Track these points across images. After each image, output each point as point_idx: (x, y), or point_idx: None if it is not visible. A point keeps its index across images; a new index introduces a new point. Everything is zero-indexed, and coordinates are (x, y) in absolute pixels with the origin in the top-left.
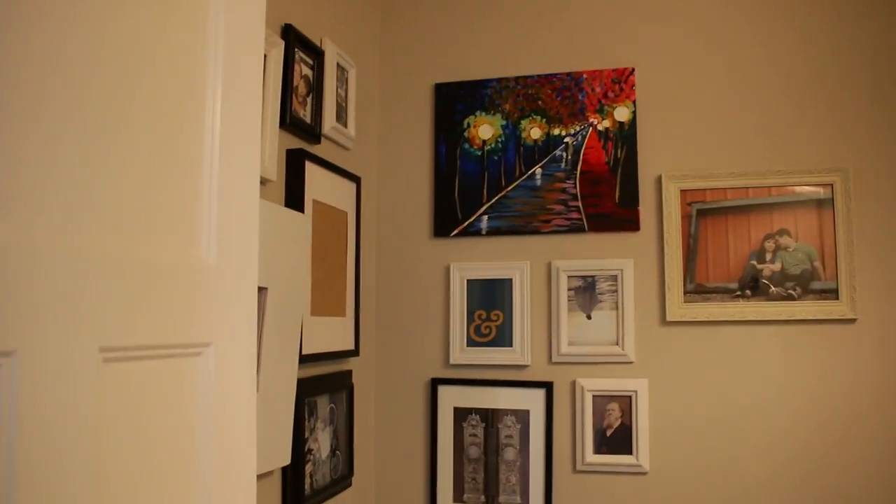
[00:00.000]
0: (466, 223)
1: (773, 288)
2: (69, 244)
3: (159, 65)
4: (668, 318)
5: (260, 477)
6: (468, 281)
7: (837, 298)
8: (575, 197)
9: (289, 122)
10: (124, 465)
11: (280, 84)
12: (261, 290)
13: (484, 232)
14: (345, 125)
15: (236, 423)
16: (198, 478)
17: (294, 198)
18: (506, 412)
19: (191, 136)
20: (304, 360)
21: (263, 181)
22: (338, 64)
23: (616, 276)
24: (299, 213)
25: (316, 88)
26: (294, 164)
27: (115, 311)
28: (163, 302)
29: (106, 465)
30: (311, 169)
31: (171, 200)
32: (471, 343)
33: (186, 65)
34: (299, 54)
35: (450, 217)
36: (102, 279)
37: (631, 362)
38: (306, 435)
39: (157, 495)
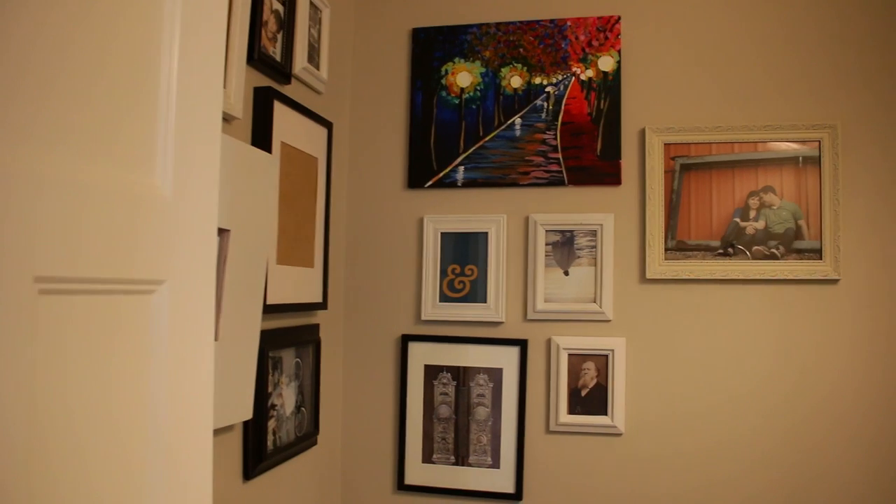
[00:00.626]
0: (442, 174)
1: (755, 246)
2: None
3: None
4: (648, 276)
5: (219, 431)
6: (442, 234)
7: (821, 258)
8: (555, 149)
9: (257, 57)
10: (63, 410)
11: (248, 16)
12: (222, 231)
13: (460, 183)
14: (317, 67)
15: (193, 369)
16: (148, 427)
17: (261, 138)
18: (478, 370)
19: (147, 56)
20: (269, 310)
21: (228, 118)
22: (311, 2)
23: (595, 231)
24: (266, 153)
25: (287, 26)
26: (262, 103)
27: (52, 237)
28: (111, 232)
29: (41, 411)
30: (280, 109)
31: (123, 123)
32: (443, 298)
33: None
34: None
35: (425, 167)
36: (37, 200)
37: (608, 320)
38: (270, 389)
39: (101, 445)
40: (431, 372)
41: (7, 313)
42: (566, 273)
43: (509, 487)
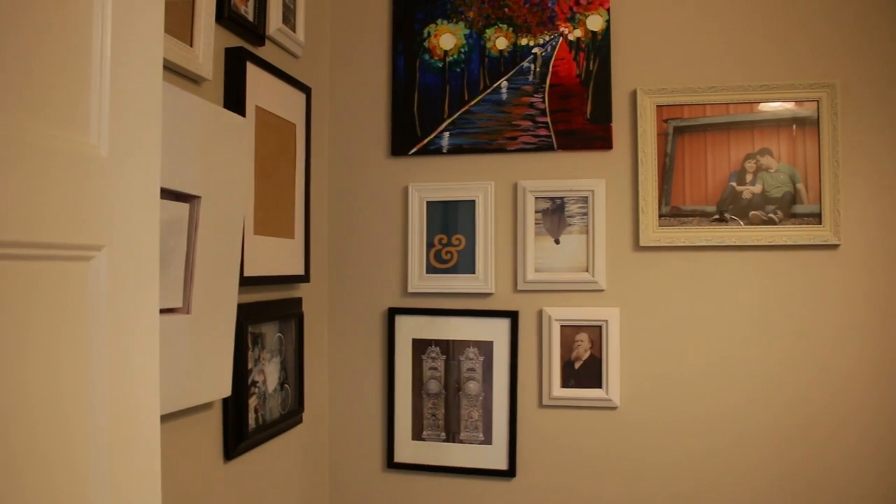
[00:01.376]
0: (426, 140)
1: (752, 211)
2: None
3: None
4: (642, 243)
5: (197, 409)
6: (428, 203)
7: (820, 223)
8: (543, 112)
9: (227, 16)
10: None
11: None
12: (192, 198)
13: (445, 150)
14: (293, 29)
15: (136, 340)
16: (88, 407)
17: (234, 101)
18: (468, 344)
19: (79, 6)
20: (247, 282)
21: (198, 79)
22: None
23: (587, 197)
24: (238, 116)
25: None
26: (233, 64)
27: None
28: (43, 193)
29: None
30: (253, 72)
31: (53, 77)
32: (430, 270)
33: None
34: None
35: (408, 134)
36: None
37: (602, 290)
38: (250, 366)
39: (38, 423)
40: (419, 346)
41: None
42: (557, 241)
43: (502, 464)
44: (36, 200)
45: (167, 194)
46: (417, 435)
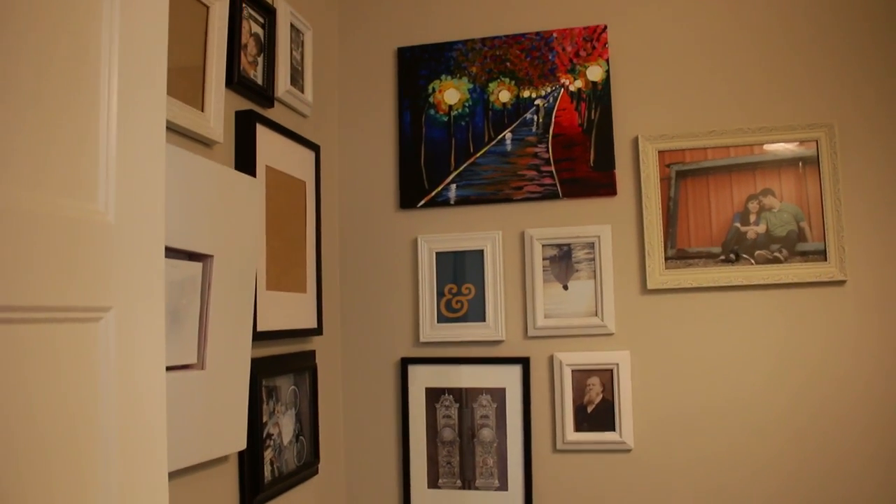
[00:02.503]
0: (434, 193)
1: (758, 251)
2: None
3: (52, 7)
4: (650, 286)
5: (213, 463)
6: (437, 253)
7: (825, 260)
8: (548, 161)
9: (237, 81)
10: (7, 445)
11: (226, 39)
12: (205, 257)
13: (452, 201)
14: (301, 90)
15: (144, 397)
16: (97, 465)
17: (245, 162)
18: (481, 391)
19: (85, 79)
20: (261, 337)
21: (209, 142)
22: (291, 25)
23: (593, 243)
24: (248, 177)
25: (268, 49)
26: (244, 127)
27: None
28: (52, 259)
29: None
30: (263, 133)
31: (62, 148)
32: (442, 319)
33: (83, 6)
34: (248, 10)
35: (416, 187)
36: None
37: (611, 333)
38: (265, 419)
39: (46, 489)
40: (433, 394)
41: None
42: (565, 287)
43: None
44: (49, 267)
45: (181, 254)
46: (433, 483)
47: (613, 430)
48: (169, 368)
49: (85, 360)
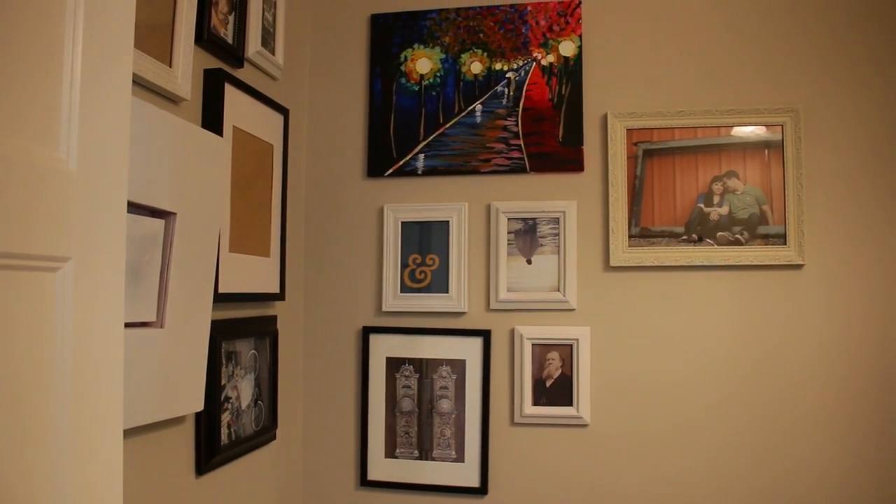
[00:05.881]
0: (402, 162)
1: (720, 232)
2: None
3: None
4: (612, 263)
5: (169, 423)
6: (403, 223)
7: (785, 244)
8: (516, 135)
9: (206, 38)
10: None
11: None
12: (168, 214)
13: (420, 171)
14: (272, 52)
15: (101, 352)
16: (49, 419)
17: (212, 121)
18: (441, 362)
19: (50, 23)
20: (222, 299)
21: (176, 99)
22: None
23: (558, 218)
24: (215, 135)
25: (239, 7)
26: (212, 85)
27: None
28: (10, 204)
29: None
30: (231, 93)
31: (24, 92)
32: (405, 289)
33: None
34: None
35: (384, 155)
36: None
37: (572, 309)
38: (223, 381)
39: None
40: (393, 364)
41: None
42: (529, 262)
43: (474, 481)
44: (7, 212)
45: (143, 210)
46: (391, 453)
47: (571, 405)
48: (127, 325)
49: (41, 310)
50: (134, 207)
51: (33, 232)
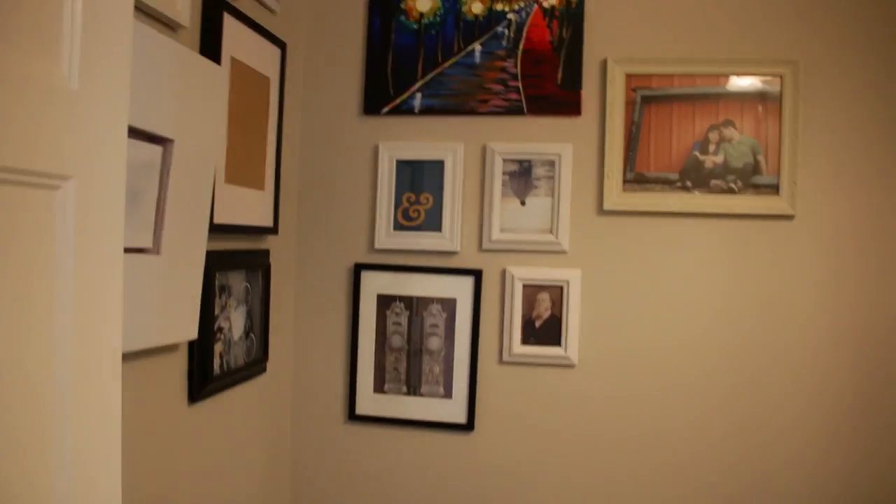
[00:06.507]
0: (399, 100)
1: (714, 180)
2: None
3: None
4: (606, 207)
5: (162, 351)
6: (397, 161)
7: (778, 194)
8: (515, 77)
9: None
10: None
11: None
12: (166, 141)
13: (417, 110)
14: None
15: (101, 272)
16: (50, 337)
17: (210, 50)
18: (432, 300)
19: None
20: (216, 230)
21: (174, 25)
22: None
23: (554, 161)
24: (214, 64)
25: None
26: (211, 13)
27: None
28: (13, 121)
29: None
30: (230, 23)
31: (25, 8)
32: (397, 227)
33: None
34: None
35: (381, 93)
36: None
37: (564, 252)
38: (216, 312)
39: (5, 333)
40: (384, 301)
41: None
42: (523, 203)
43: (461, 418)
44: (9, 128)
45: (141, 135)
46: (379, 388)
47: (559, 345)
48: (125, 250)
49: (42, 228)
50: (132, 132)
51: (36, 149)
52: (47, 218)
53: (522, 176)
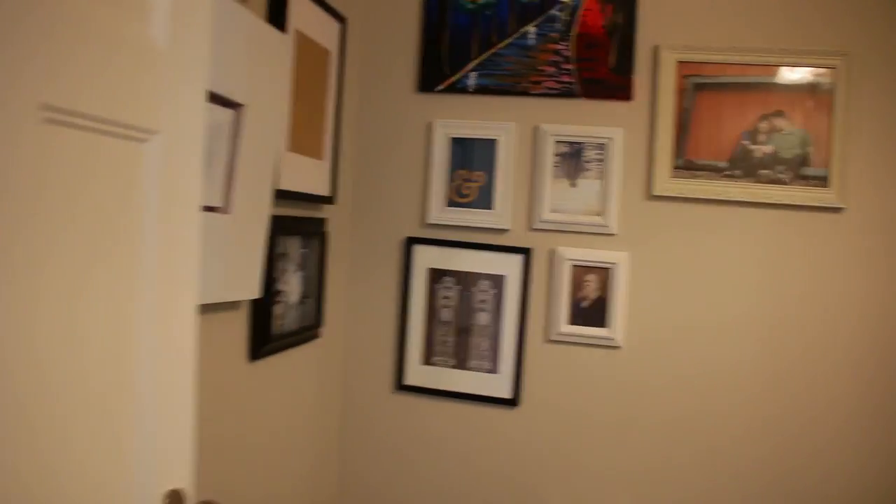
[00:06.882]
0: (454, 79)
1: (763, 170)
2: None
3: None
4: (655, 192)
5: (226, 308)
6: (452, 139)
7: (827, 186)
8: (568, 60)
9: None
10: (63, 243)
11: None
12: (237, 105)
13: (471, 89)
14: None
15: (182, 223)
16: (136, 285)
17: (276, 20)
18: (481, 276)
19: None
20: (278, 196)
21: None
22: None
23: (604, 144)
24: (280, 32)
25: None
26: None
27: (55, 67)
28: (111, 76)
29: (42, 236)
30: None
31: None
32: (450, 203)
33: None
34: None
35: (436, 71)
36: (39, 31)
37: (613, 234)
38: (276, 275)
39: (92, 276)
40: (435, 275)
41: (14, 137)
42: (573, 185)
43: (507, 393)
44: (108, 82)
45: (214, 99)
46: (427, 360)
47: (605, 326)
48: None
49: (131, 178)
50: (208, 95)
51: (128, 103)
52: (135, 169)
53: (573, 158)
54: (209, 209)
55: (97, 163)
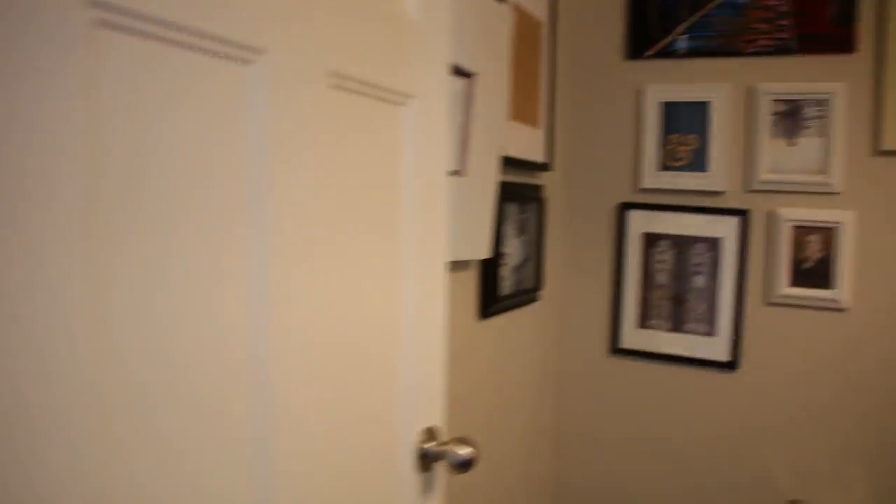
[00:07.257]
0: (663, 43)
1: None
2: None
3: None
4: (884, 147)
5: (457, 267)
6: (663, 103)
7: None
8: (782, 15)
9: None
10: (353, 202)
11: None
12: (471, 75)
13: (681, 52)
14: None
15: (434, 183)
16: (399, 230)
17: None
18: (696, 239)
19: None
20: (501, 162)
21: None
22: None
23: (825, 100)
24: (502, 4)
25: None
26: None
27: (341, 38)
28: (378, 42)
29: (324, 193)
30: None
31: None
32: (663, 167)
33: None
34: None
35: (645, 37)
36: (326, 8)
37: (837, 193)
38: (500, 239)
39: (361, 224)
40: (649, 240)
41: (302, 102)
42: (791, 144)
43: (724, 356)
44: (377, 52)
45: (452, 68)
46: (643, 323)
47: (829, 287)
48: None
49: (394, 140)
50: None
51: (393, 68)
52: (396, 132)
53: (791, 116)
54: (451, 172)
55: (370, 124)
